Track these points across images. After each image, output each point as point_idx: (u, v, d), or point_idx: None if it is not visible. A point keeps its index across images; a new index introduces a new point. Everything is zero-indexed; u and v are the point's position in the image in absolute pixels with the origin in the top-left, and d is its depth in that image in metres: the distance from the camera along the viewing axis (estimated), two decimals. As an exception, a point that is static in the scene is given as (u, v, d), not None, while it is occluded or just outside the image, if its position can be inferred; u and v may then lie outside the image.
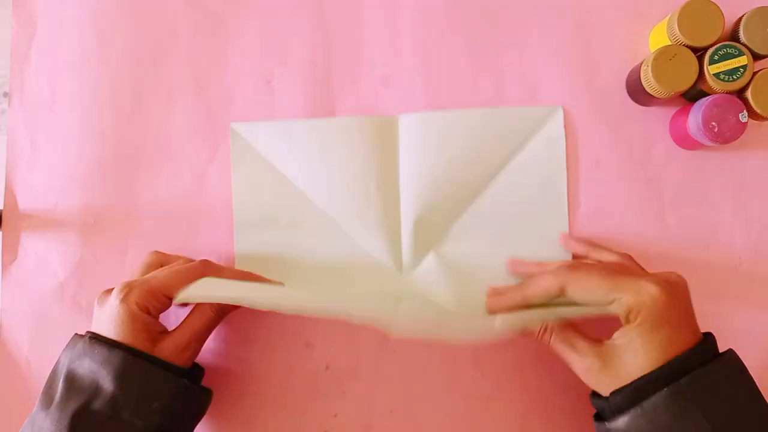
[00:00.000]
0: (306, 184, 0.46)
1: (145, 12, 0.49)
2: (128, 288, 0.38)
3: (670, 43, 0.43)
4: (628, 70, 0.46)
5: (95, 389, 0.35)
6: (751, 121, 0.41)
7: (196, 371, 0.42)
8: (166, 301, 0.39)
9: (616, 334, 0.36)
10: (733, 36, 0.42)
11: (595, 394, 0.37)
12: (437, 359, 0.46)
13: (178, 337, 0.39)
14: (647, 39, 0.47)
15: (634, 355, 0.35)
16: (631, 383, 0.34)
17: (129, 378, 0.36)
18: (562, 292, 0.37)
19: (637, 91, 0.45)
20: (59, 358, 0.38)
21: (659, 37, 0.45)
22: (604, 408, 0.36)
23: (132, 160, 0.48)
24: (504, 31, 0.48)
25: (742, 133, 0.41)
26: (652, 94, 0.43)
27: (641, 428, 0.33)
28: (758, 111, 0.41)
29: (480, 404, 0.45)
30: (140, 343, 0.37)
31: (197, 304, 0.41)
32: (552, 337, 0.38)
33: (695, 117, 0.41)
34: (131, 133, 0.48)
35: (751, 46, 0.41)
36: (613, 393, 0.35)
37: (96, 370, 0.36)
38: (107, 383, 0.35)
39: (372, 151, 0.46)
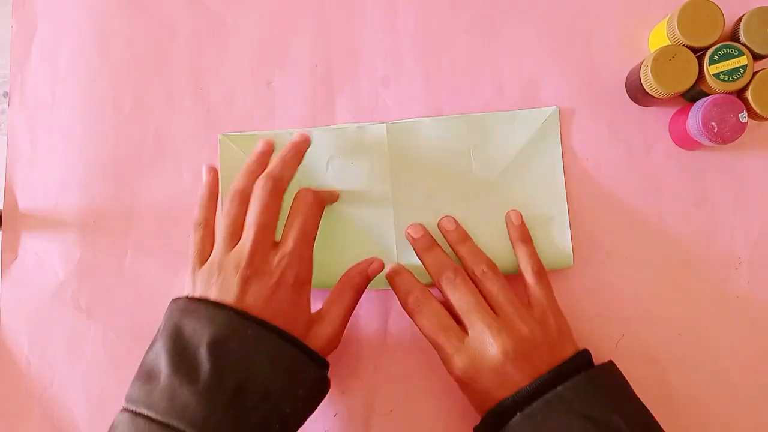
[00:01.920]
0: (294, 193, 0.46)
1: (145, 12, 0.49)
2: (297, 273, 0.38)
3: (669, 43, 0.42)
4: (628, 70, 0.46)
5: (247, 369, 0.34)
6: (751, 121, 0.41)
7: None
8: None
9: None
10: (733, 36, 0.42)
11: None
12: (437, 359, 0.46)
13: (327, 329, 0.39)
14: (647, 39, 0.47)
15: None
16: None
17: (281, 363, 0.35)
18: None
19: (636, 91, 0.45)
20: (176, 323, 0.35)
21: (659, 37, 0.44)
22: None
23: (132, 161, 0.48)
24: (503, 31, 0.48)
25: (742, 134, 0.41)
26: (651, 94, 0.43)
27: None
28: (758, 111, 0.41)
29: (480, 404, 0.45)
30: (296, 330, 0.37)
31: (338, 290, 0.41)
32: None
33: (695, 117, 0.41)
34: (131, 134, 0.48)
35: (751, 46, 0.41)
36: None
37: (248, 349, 0.34)
38: (259, 365, 0.34)
39: (361, 160, 0.46)
